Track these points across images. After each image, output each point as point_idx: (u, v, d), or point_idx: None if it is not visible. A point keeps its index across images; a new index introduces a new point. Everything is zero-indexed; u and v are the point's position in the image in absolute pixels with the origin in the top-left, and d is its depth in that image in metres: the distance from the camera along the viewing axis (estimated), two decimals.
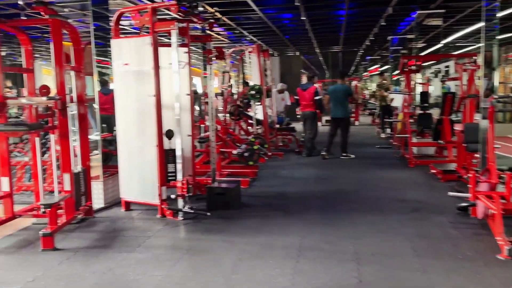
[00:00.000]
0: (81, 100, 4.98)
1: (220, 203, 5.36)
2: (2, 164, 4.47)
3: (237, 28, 11.38)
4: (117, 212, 5.32)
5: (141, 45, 4.98)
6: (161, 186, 5.04)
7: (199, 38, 6.42)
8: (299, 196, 6.03)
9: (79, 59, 4.93)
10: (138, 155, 5.18)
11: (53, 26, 4.32)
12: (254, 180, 7.05)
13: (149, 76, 4.95)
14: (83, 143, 5.01)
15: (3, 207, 4.56)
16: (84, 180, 4.88)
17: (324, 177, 7.37)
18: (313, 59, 25.48)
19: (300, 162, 8.81)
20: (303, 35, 14.37)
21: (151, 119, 5.01)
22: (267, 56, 10.65)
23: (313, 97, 9.40)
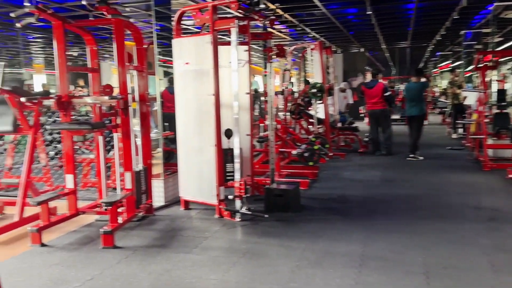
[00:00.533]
0: (143, 99, 5.03)
1: (279, 205, 5.22)
2: (67, 161, 4.60)
3: (299, 25, 11.15)
4: (177, 211, 5.34)
5: (201, 44, 4.94)
6: (219, 186, 4.98)
7: (260, 35, 6.31)
8: (362, 200, 5.74)
9: (141, 58, 4.99)
10: (196, 154, 5.16)
11: (116, 26, 4.38)
12: (314, 182, 6.84)
13: (208, 75, 4.90)
14: (144, 141, 5.06)
15: (67, 203, 4.70)
16: (145, 179, 4.93)
17: (389, 179, 7.00)
18: (379, 55, 24.61)
19: (363, 163, 8.46)
20: (369, 31, 13.85)
21: (209, 118, 4.96)
22: (330, 53, 10.36)
23: (382, 94, 9.07)
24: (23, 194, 4.58)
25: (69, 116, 4.56)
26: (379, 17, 11.18)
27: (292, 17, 10.38)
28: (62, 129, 4.38)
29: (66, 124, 4.36)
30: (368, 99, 9.22)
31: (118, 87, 4.51)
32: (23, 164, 4.71)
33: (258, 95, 11.88)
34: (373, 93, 9.11)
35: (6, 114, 4.77)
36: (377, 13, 10.64)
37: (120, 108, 4.40)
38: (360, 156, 9.26)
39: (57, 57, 4.50)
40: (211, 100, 4.92)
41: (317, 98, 9.18)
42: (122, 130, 4.52)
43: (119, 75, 4.44)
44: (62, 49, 4.48)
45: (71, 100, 4.56)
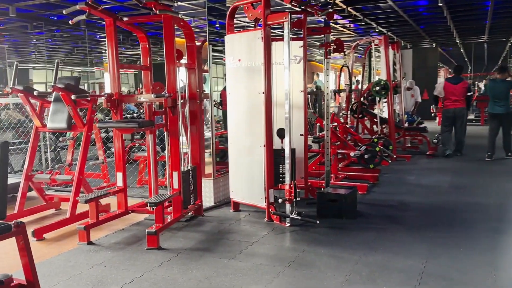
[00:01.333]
0: (194, 97, 4.92)
1: (332, 210, 4.89)
2: (118, 159, 4.59)
3: (364, 19, 10.61)
4: (226, 212, 5.19)
5: (252, 39, 4.73)
6: (269, 188, 4.75)
7: (317, 30, 5.98)
8: (426, 208, 5.25)
9: (192, 55, 4.87)
10: (247, 154, 4.97)
11: (165, 22, 4.28)
12: (373, 186, 6.40)
13: (260, 72, 4.68)
14: (193, 140, 4.95)
15: (117, 201, 4.70)
16: (193, 178, 4.81)
17: (459, 186, 6.39)
18: (453, 51, 23.09)
19: (431, 167, 7.85)
20: (441, 24, 12.92)
21: (260, 117, 4.74)
22: (397, 49, 9.75)
23: (465, 93, 8.61)
24: (75, 191, 4.63)
25: (119, 114, 4.54)
26: (452, 9, 10.36)
27: (356, 11, 9.88)
28: (109, 127, 4.36)
29: (114, 122, 4.34)
30: (451, 96, 8.63)
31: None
32: (77, 161, 4.77)
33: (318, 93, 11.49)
34: (457, 90, 8.57)
35: (61, 111, 4.85)
36: (450, 5, 9.86)
37: (167, 107, 4.30)
38: (428, 159, 8.62)
39: (109, 55, 4.49)
40: (261, 98, 4.69)
41: (381, 96, 8.67)
42: (170, 129, 4.43)
43: (167, 72, 4.34)
44: (113, 46, 4.46)
45: (122, 98, 4.53)
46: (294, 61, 5.67)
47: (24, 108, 5.99)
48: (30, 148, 5.00)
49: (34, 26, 9.49)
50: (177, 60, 4.55)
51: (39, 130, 5.04)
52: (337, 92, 9.27)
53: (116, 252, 3.95)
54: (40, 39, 12.15)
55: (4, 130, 9.42)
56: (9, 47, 14.57)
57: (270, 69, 4.70)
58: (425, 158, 8.63)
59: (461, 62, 29.45)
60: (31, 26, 9.41)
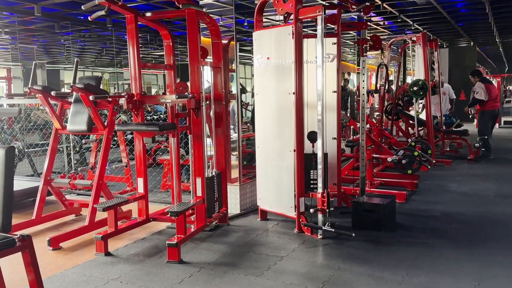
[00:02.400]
0: (219, 98, 4.61)
1: (369, 221, 4.49)
2: (139, 164, 4.32)
3: (400, 16, 10.08)
4: (253, 221, 4.85)
5: (282, 36, 4.38)
6: (299, 196, 4.38)
7: (352, 26, 5.57)
8: (472, 220, 4.77)
9: (218, 54, 4.56)
10: (275, 159, 4.62)
11: (189, 17, 3.99)
12: (412, 194, 5.94)
13: (290, 71, 4.32)
14: (219, 144, 4.64)
15: (138, 208, 4.43)
16: (218, 185, 4.50)
17: (506, 194, 5.86)
18: (490, 50, 22.09)
19: (473, 173, 7.30)
20: (482, 22, 12.23)
21: (290, 119, 4.38)
22: (435, 47, 9.21)
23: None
24: (94, 197, 4.39)
25: (141, 116, 4.27)
26: (495, 5, 9.71)
27: (391, 7, 9.37)
28: (128, 130, 4.10)
29: (134, 125, 4.07)
30: (491, 96, 8.40)
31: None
32: (97, 165, 4.53)
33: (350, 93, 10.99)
34: (498, 90, 8.16)
35: (81, 113, 4.63)
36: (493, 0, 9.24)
37: (191, 108, 4.00)
38: (469, 164, 8.06)
39: (130, 53, 4.23)
40: (291, 99, 4.34)
41: (419, 97, 8.17)
42: (193, 132, 4.13)
43: (191, 72, 4.05)
44: (135, 44, 4.20)
45: (143, 99, 4.26)
46: (327, 59, 5.31)
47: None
48: (49, 151, 4.80)
49: (61, 26, 9.41)
50: (202, 59, 4.25)
51: (59, 132, 4.83)
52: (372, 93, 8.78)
53: (134, 265, 3.67)
54: (68, 40, 12.13)
55: (33, 132, 9.39)
56: (39, 47, 14.68)
57: (301, 68, 4.33)
58: (466, 163, 8.07)
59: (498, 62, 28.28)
60: (58, 25, 9.34)
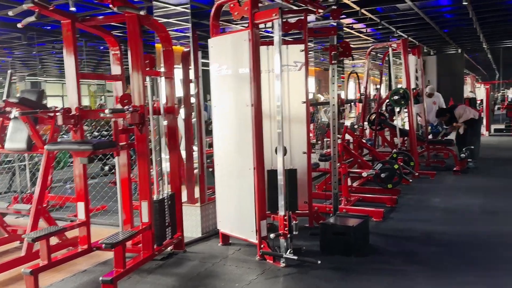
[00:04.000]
0: (171, 111, 4.17)
1: (338, 245, 4.04)
2: (78, 187, 3.86)
3: (381, 22, 9.72)
4: (213, 247, 4.39)
5: (238, 42, 3.96)
6: (260, 219, 3.93)
7: (320, 31, 5.18)
8: (454, 242, 4.33)
9: (169, 62, 4.14)
10: (235, 178, 4.17)
11: (128, 22, 3.56)
12: (391, 210, 5.50)
13: (248, 81, 3.91)
14: (173, 162, 4.20)
15: (79, 236, 3.96)
16: (171, 208, 4.04)
17: (492, 210, 5.44)
18: (479, 57, 21.86)
19: (458, 186, 6.88)
20: (467, 28, 11.91)
21: (248, 134, 3.95)
22: (418, 54, 8.85)
23: None
24: (33, 224, 3.93)
25: (80, 133, 3.82)
26: (479, 9, 9.38)
27: (371, 13, 9.01)
28: (59, 149, 3.65)
29: (65, 143, 3.63)
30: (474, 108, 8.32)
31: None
32: (36, 188, 4.07)
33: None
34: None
35: (21, 129, 4.18)
36: (476, 4, 8.91)
37: (134, 123, 3.56)
38: (455, 175, 7.64)
39: (67, 63, 3.79)
40: (249, 111, 3.91)
41: (400, 106, 7.78)
42: (137, 150, 3.68)
43: (133, 82, 3.62)
44: (72, 52, 3.76)
45: (83, 114, 3.81)
46: (294, 68, 4.92)
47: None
48: None
49: (28, 37, 8.98)
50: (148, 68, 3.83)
51: None
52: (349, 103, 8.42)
53: None
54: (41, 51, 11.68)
55: None
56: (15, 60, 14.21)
57: (259, 77, 3.91)
58: (452, 175, 7.66)
59: (489, 69, 28.10)
60: (25, 37, 8.90)
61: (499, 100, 26.66)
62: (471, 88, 22.67)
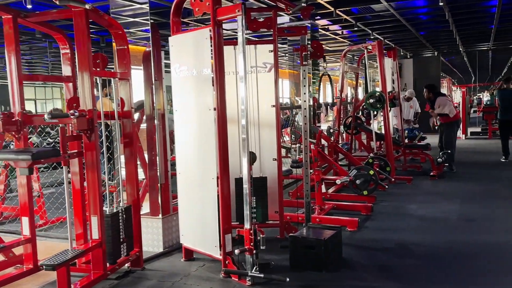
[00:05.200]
0: (127, 115, 3.83)
1: (308, 260, 3.76)
2: (22, 200, 3.49)
3: (357, 24, 9.53)
4: (175, 263, 4.05)
5: (199, 41, 3.65)
6: (225, 233, 3.62)
7: (290, 31, 4.90)
8: (430, 253, 4.10)
9: (124, 62, 3.80)
10: (198, 188, 3.85)
11: (75, 17, 3.22)
12: (367, 219, 5.26)
13: (209, 83, 3.60)
14: (129, 171, 3.85)
15: (24, 255, 3.58)
16: (127, 222, 3.70)
17: (470, 217, 5.25)
18: (456, 60, 22.01)
19: (435, 191, 6.70)
20: (443, 30, 11.84)
21: (211, 140, 3.64)
22: (393, 57, 8.69)
23: None
24: None
25: (24, 140, 3.45)
26: (455, 10, 9.28)
27: (346, 14, 8.80)
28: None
29: (3, 152, 3.25)
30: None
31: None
32: None
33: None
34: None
35: None
36: (452, 5, 8.80)
37: (81, 130, 3.21)
38: (432, 180, 7.46)
39: (8, 63, 3.42)
40: (211, 116, 3.60)
41: (376, 109, 7.58)
42: (86, 159, 3.33)
43: (80, 84, 3.27)
44: (14, 51, 3.40)
45: (26, 119, 3.44)
46: (263, 69, 4.65)
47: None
48: None
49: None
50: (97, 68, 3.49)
51: None
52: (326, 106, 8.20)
53: None
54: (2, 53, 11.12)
55: None
56: None
57: (223, 78, 3.60)
58: (429, 180, 7.48)
59: (465, 72, 28.41)
60: None
61: (475, 103, 26.99)
62: (447, 92, 22.84)
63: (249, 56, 4.50)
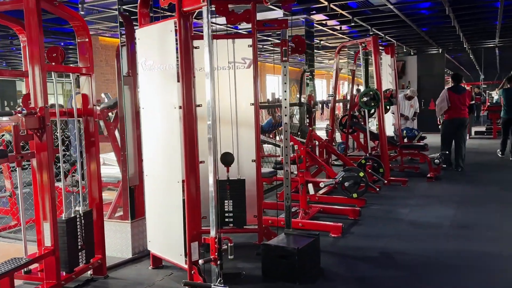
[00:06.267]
0: (89, 113, 3.57)
1: (281, 270, 3.49)
2: None
3: (354, 19, 9.19)
4: (141, 271, 3.80)
5: (164, 33, 3.39)
6: (191, 241, 3.36)
7: (270, 24, 4.60)
8: (416, 263, 3.81)
9: (85, 56, 3.54)
10: (164, 191, 3.60)
11: (25, 6, 2.97)
12: (354, 224, 4.98)
13: (174, 79, 3.34)
14: (92, 173, 3.61)
15: None
16: (87, 227, 3.45)
17: (464, 224, 4.95)
18: (462, 57, 21.52)
19: (431, 194, 6.40)
20: (446, 26, 11.47)
21: (176, 141, 3.38)
22: (391, 53, 8.38)
23: (469, 101, 8.35)
24: None
25: None
26: (455, 5, 8.93)
27: (342, 9, 8.47)
28: None
29: None
30: (454, 105, 7.89)
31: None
32: None
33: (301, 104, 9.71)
34: (461, 99, 7.89)
35: None
36: (453, 0, 8.45)
37: (31, 129, 2.97)
38: (429, 182, 7.16)
39: None
40: (176, 114, 3.34)
41: (370, 108, 7.27)
42: (36, 160, 3.09)
43: (30, 79, 3.02)
44: None
45: None
46: (242, 65, 4.38)
47: None
48: None
49: None
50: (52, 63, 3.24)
51: None
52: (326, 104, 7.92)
53: None
54: None
55: None
56: None
57: (190, 74, 3.35)
58: (425, 182, 7.17)
59: (472, 70, 27.84)
60: None
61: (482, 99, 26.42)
62: None
63: (227, 51, 4.24)
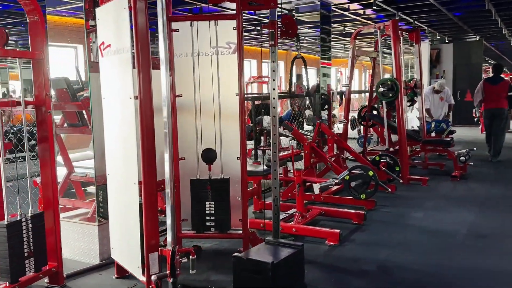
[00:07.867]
0: (41, 103, 3.18)
1: (256, 285, 3.01)
2: None
3: (375, 2, 8.47)
4: (104, 280, 3.41)
5: (119, 12, 2.94)
6: (149, 251, 2.92)
7: (256, 3, 4.05)
8: (417, 280, 3.24)
9: (36, 39, 3.14)
10: (121, 194, 3.18)
11: None
12: (357, 229, 4.42)
13: (129, 65, 2.89)
14: (44, 171, 3.23)
15: None
16: (35, 232, 3.07)
17: (483, 232, 4.30)
18: (504, 46, 20.09)
19: (452, 195, 5.73)
20: (481, 11, 10.50)
21: (132, 136, 2.94)
22: (416, 39, 7.65)
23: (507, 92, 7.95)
24: None
25: None
26: None
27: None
28: None
29: None
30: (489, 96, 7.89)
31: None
32: None
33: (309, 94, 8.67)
34: (497, 90, 7.82)
35: None
36: None
37: None
38: (453, 181, 6.46)
39: None
40: (131, 106, 2.90)
41: (388, 99, 6.61)
42: None
43: None
44: None
45: None
46: (227, 50, 3.90)
47: None
48: None
49: None
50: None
51: None
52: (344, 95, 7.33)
53: None
54: None
55: None
56: None
57: (148, 60, 2.88)
58: (449, 181, 6.48)
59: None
60: None
61: None
62: None
63: (209, 34, 3.76)
